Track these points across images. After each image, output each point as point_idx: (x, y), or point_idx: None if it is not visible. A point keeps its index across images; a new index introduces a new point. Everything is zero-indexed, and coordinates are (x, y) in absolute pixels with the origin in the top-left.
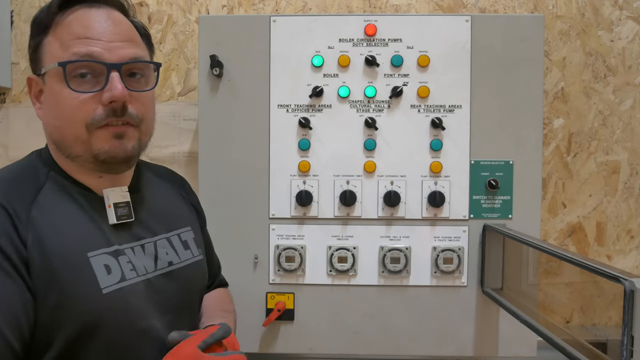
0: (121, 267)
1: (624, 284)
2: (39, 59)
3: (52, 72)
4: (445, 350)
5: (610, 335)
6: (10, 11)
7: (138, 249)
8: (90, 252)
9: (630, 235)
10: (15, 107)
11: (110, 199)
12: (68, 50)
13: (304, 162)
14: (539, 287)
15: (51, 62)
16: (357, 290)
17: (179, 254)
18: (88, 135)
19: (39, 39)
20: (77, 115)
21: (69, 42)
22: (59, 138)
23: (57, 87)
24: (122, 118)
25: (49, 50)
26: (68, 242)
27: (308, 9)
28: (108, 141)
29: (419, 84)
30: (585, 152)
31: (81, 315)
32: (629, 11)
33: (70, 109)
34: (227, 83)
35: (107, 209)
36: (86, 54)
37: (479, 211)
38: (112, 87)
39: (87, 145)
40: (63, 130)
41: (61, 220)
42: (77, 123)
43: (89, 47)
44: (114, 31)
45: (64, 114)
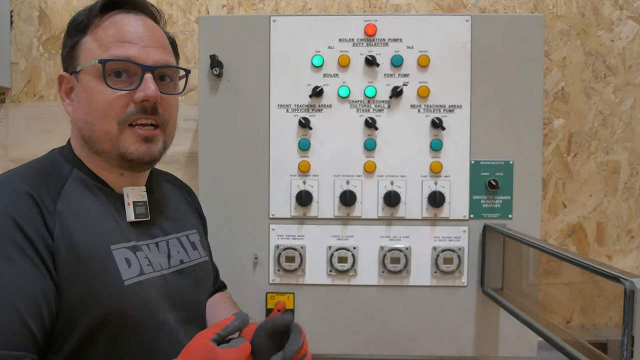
0: (139, 261)
1: (624, 284)
2: (75, 57)
3: (89, 70)
4: (445, 351)
5: (610, 335)
6: (10, 11)
7: (153, 246)
8: (112, 246)
9: (630, 235)
10: (15, 107)
11: (130, 197)
12: (107, 51)
13: (304, 162)
14: (539, 287)
15: (89, 60)
16: (357, 290)
17: (188, 254)
18: (118, 132)
19: (77, 39)
20: (110, 111)
21: (108, 44)
22: (88, 133)
23: (92, 83)
24: (151, 117)
25: (87, 49)
26: (92, 235)
27: (308, 9)
28: (136, 143)
29: (419, 84)
30: (585, 152)
31: (104, 304)
32: (629, 11)
33: (104, 104)
34: (227, 83)
35: (126, 206)
36: (124, 55)
37: (479, 211)
38: (145, 87)
39: (116, 142)
40: (94, 126)
41: (85, 213)
42: (109, 118)
43: (127, 50)
44: (150, 37)
45: (97, 109)
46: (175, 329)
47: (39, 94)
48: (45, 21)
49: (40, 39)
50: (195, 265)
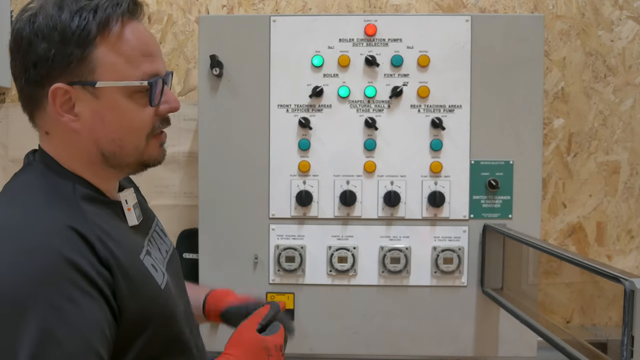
0: (157, 264)
1: (624, 284)
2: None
3: (117, 88)
4: (445, 351)
5: (610, 335)
6: (10, 11)
7: (150, 245)
8: (140, 256)
9: (630, 235)
10: (15, 107)
11: (129, 202)
12: (138, 68)
13: (304, 162)
14: (539, 287)
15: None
16: (357, 290)
17: (165, 242)
18: (145, 144)
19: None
20: (143, 128)
21: (137, 59)
22: (114, 150)
23: (123, 102)
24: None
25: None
26: (126, 252)
27: (308, 9)
28: (157, 149)
29: (419, 84)
30: (585, 152)
31: (156, 312)
32: (629, 11)
33: (139, 122)
34: (227, 83)
35: (126, 212)
36: (155, 71)
37: (479, 211)
38: (169, 99)
39: (141, 153)
40: (123, 142)
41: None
42: (141, 135)
43: (155, 64)
44: (158, 45)
45: (131, 128)
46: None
47: None
48: None
49: None
50: (173, 252)
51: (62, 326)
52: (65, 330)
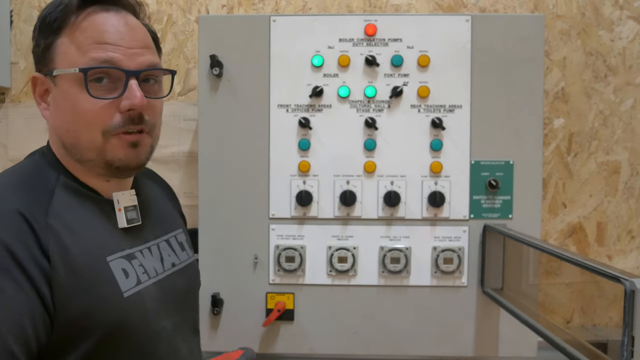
0: (135, 270)
1: (625, 284)
2: (49, 59)
3: (68, 76)
4: (445, 351)
5: (610, 335)
6: (10, 11)
7: (146, 251)
8: (108, 257)
9: (630, 235)
10: (15, 106)
11: (121, 202)
12: (86, 54)
13: (304, 162)
14: (539, 287)
15: (67, 65)
16: (357, 291)
17: (178, 256)
18: (103, 141)
19: (51, 39)
20: (94, 122)
21: (88, 47)
22: (71, 142)
23: (72, 90)
24: (138, 126)
25: (63, 52)
26: (87, 248)
27: (308, 8)
28: (123, 149)
29: (419, 83)
30: (585, 152)
31: (106, 319)
32: (630, 11)
33: (88, 114)
34: (227, 83)
35: (117, 212)
36: (106, 59)
37: (479, 211)
38: (131, 95)
39: (101, 151)
40: (77, 134)
41: (78, 225)
42: (93, 129)
43: (109, 53)
44: (132, 37)
45: (81, 119)
46: (171, 335)
47: None
48: None
49: None
50: (186, 267)
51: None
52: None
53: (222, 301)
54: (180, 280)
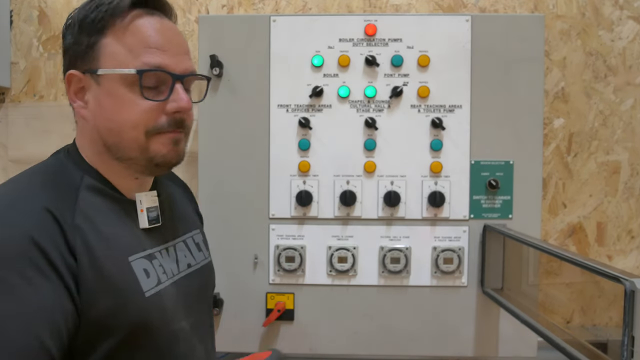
0: (156, 270)
1: (625, 284)
2: (94, 58)
3: (116, 76)
4: (445, 351)
5: (610, 335)
6: (10, 11)
7: (164, 252)
8: (130, 257)
9: (630, 235)
10: (15, 107)
11: (143, 203)
12: (138, 58)
13: (304, 162)
14: (539, 288)
15: (116, 66)
16: (357, 291)
17: (194, 256)
18: (146, 140)
19: (96, 38)
20: (141, 122)
21: (139, 50)
22: (114, 140)
23: (122, 91)
24: (180, 128)
25: (111, 52)
26: (111, 248)
27: (308, 8)
28: (167, 146)
29: (419, 84)
30: (585, 152)
31: (130, 319)
32: (630, 11)
33: (135, 114)
34: (227, 83)
35: (139, 213)
36: (157, 64)
37: (479, 211)
38: (178, 98)
39: (144, 148)
40: (121, 134)
41: (102, 225)
42: (138, 128)
43: (159, 57)
44: (178, 43)
45: (126, 119)
46: (189, 335)
47: (38, 94)
48: (45, 21)
49: (40, 39)
50: (202, 267)
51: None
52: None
53: (222, 301)
54: (196, 281)
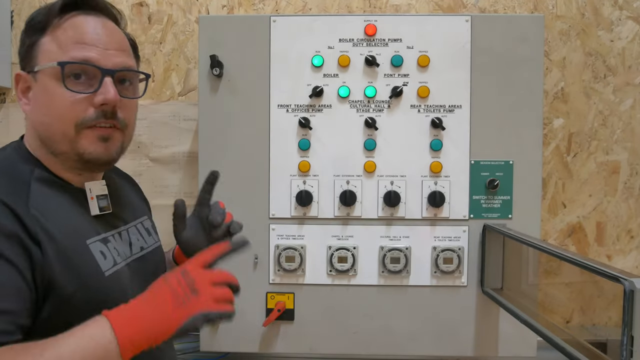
0: (111, 252)
1: (624, 284)
2: (32, 57)
3: (48, 71)
4: (445, 351)
5: (610, 335)
6: (11, 11)
7: (117, 236)
8: (87, 240)
9: (630, 235)
10: (15, 107)
11: (93, 191)
12: (66, 53)
13: (304, 162)
14: (539, 287)
15: (47, 62)
16: (357, 290)
17: (145, 240)
18: (75, 134)
19: (35, 38)
20: (68, 114)
21: (68, 46)
22: (45, 134)
23: (50, 85)
24: (110, 120)
25: (45, 50)
26: (69, 233)
27: (308, 9)
28: (94, 143)
29: (419, 84)
30: (585, 152)
31: (94, 297)
32: (629, 11)
33: (63, 107)
34: (227, 83)
35: (89, 200)
36: (83, 58)
37: (479, 211)
38: (105, 90)
39: (73, 143)
40: (51, 127)
41: (56, 213)
42: (67, 121)
43: (86, 52)
44: (109, 39)
45: (55, 112)
46: None
47: None
48: None
49: None
50: (153, 250)
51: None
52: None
53: None
54: (150, 263)
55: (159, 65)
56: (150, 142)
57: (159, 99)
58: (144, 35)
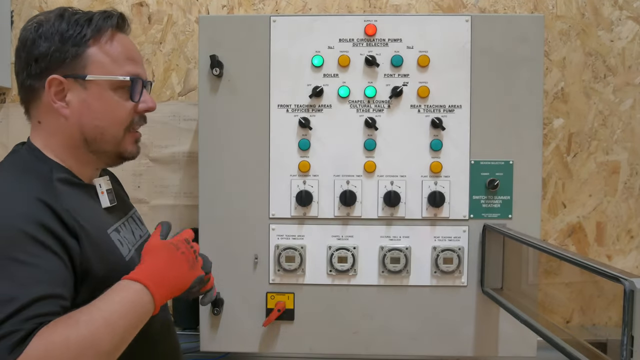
0: (124, 240)
1: (624, 283)
2: (80, 65)
3: (104, 82)
4: (445, 351)
5: (610, 335)
6: (11, 11)
7: (123, 226)
8: (108, 230)
9: (630, 235)
10: (16, 107)
11: (102, 186)
12: (122, 67)
13: (304, 162)
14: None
15: (104, 73)
16: (357, 290)
17: (141, 229)
18: (122, 136)
19: (82, 49)
20: (123, 120)
21: (120, 61)
22: (95, 136)
23: (107, 94)
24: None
25: (97, 61)
26: (95, 225)
27: (308, 9)
28: (132, 144)
29: (419, 84)
30: (585, 152)
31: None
32: (629, 11)
33: (119, 114)
34: (227, 83)
35: (100, 195)
36: (136, 72)
37: (479, 211)
38: (148, 99)
39: (119, 144)
40: (105, 130)
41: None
42: (119, 126)
43: (137, 68)
44: (140, 55)
45: (112, 117)
46: None
47: None
48: None
49: None
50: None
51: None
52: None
53: (222, 301)
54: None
55: (159, 65)
56: (150, 142)
57: (159, 99)
58: (144, 35)
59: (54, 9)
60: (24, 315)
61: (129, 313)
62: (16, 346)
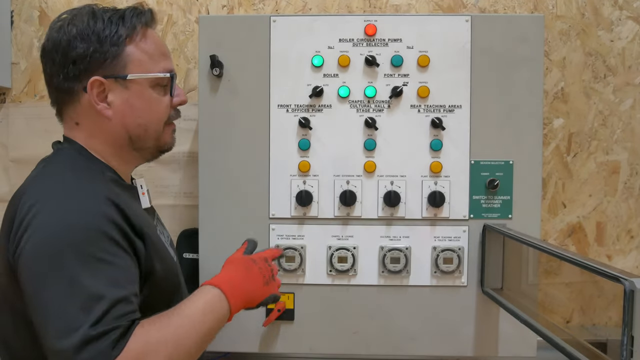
0: (166, 241)
1: (624, 283)
2: (120, 65)
3: (144, 80)
4: (445, 351)
5: (610, 335)
6: (11, 11)
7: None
8: (157, 232)
9: (630, 235)
10: (16, 107)
11: (143, 187)
12: (158, 63)
13: (304, 162)
14: (539, 287)
15: (143, 71)
16: (357, 290)
17: (165, 229)
18: (162, 130)
19: (121, 49)
20: (163, 115)
21: (155, 57)
22: (139, 134)
23: (147, 91)
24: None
25: (136, 59)
26: (149, 225)
27: (308, 9)
28: (170, 136)
29: (419, 84)
30: (585, 152)
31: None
32: (629, 11)
33: (160, 110)
34: (227, 83)
35: (141, 196)
36: (171, 68)
37: (479, 211)
38: (180, 93)
39: (159, 138)
40: (148, 127)
41: (133, 207)
42: (160, 121)
43: (170, 63)
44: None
45: (154, 114)
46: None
47: (39, 94)
48: (46, 21)
49: (41, 39)
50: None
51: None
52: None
53: None
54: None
55: None
56: None
57: None
58: None
59: (80, 8)
60: (115, 313)
61: (210, 315)
62: (117, 342)
